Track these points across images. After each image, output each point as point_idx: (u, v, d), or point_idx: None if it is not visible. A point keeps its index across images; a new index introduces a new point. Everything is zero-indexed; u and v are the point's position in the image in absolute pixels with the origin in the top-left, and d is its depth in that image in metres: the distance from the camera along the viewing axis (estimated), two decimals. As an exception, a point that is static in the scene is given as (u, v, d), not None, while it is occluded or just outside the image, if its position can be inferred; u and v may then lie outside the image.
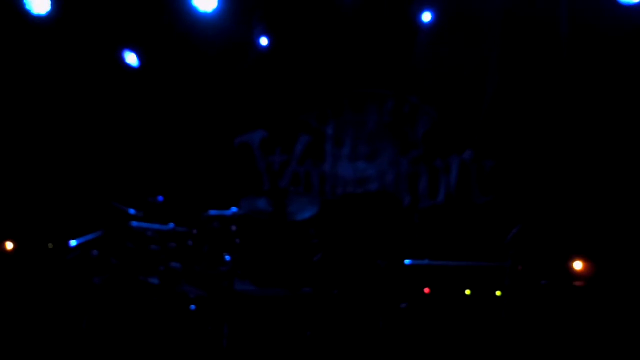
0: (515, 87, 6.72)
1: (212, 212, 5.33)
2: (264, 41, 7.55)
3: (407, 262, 5.33)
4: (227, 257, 5.24)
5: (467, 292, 5.12)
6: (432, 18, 7.02)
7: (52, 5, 6.97)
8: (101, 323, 5.19)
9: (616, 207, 5.53)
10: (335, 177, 7.40)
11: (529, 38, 6.62)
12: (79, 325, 5.17)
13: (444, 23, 6.94)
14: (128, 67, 7.53)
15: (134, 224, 5.34)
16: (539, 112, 6.52)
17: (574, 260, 4.63)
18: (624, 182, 5.69)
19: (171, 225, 5.44)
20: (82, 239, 5.43)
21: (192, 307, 5.32)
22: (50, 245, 6.83)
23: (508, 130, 6.69)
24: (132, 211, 5.64)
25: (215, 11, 7.13)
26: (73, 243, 5.39)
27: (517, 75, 6.72)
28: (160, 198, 5.82)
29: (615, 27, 6.13)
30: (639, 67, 6.10)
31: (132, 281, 5.44)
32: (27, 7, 6.95)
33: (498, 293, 4.89)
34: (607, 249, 5.05)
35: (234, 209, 5.22)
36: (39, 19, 7.01)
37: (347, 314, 5.23)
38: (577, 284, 4.57)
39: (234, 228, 5.24)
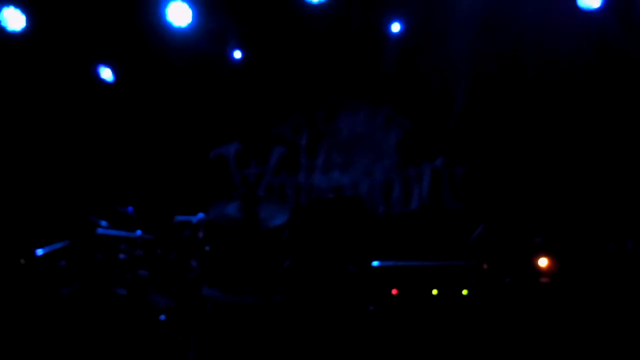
0: (484, 97, 6.81)
1: (179, 218, 5.31)
2: (237, 54, 7.64)
3: (374, 263, 5.32)
4: (194, 264, 5.21)
5: (434, 291, 5.11)
6: (401, 29, 7.13)
7: (27, 21, 7.04)
8: (69, 335, 5.12)
9: (578, 205, 5.58)
10: (309, 187, 7.42)
11: (497, 48, 6.72)
12: (47, 338, 5.11)
13: (413, 34, 7.05)
14: (103, 81, 7.59)
15: (101, 230, 5.31)
16: (506, 120, 6.60)
17: (539, 257, 4.64)
18: (584, 180, 5.76)
19: (138, 232, 5.41)
20: (49, 248, 5.39)
21: (162, 317, 5.26)
22: (22, 261, 6.77)
23: (477, 137, 6.76)
24: (103, 223, 5.61)
25: (189, 26, 7.22)
26: (39, 252, 5.36)
27: (486, 84, 6.82)
28: (130, 209, 5.80)
29: (578, 35, 6.25)
30: (602, 76, 6.20)
31: (100, 292, 5.39)
32: (2, 23, 7.01)
33: (464, 292, 4.88)
34: (571, 246, 5.07)
35: (201, 215, 5.21)
36: (14, 35, 7.07)
37: (318, 321, 5.19)
38: (543, 280, 4.58)
39: (200, 235, 5.22)
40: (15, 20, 7.03)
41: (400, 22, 7.11)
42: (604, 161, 5.79)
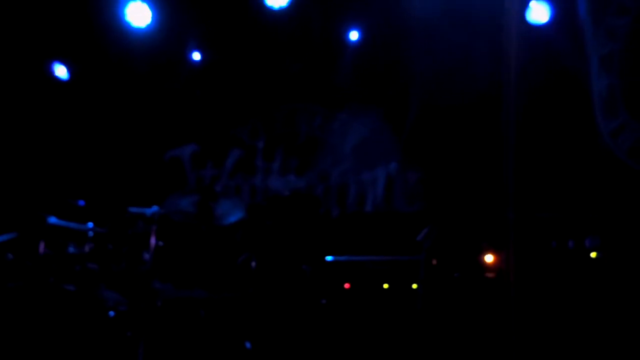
0: (436, 104, 7.00)
1: (133, 210, 5.26)
2: (196, 56, 7.67)
3: (327, 258, 5.40)
4: (146, 257, 5.16)
5: (385, 286, 5.22)
6: (359, 36, 7.31)
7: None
8: (14, 331, 4.97)
9: (522, 208, 5.79)
10: (265, 190, 7.47)
11: (450, 57, 6.93)
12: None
13: (370, 41, 7.24)
14: (57, 78, 7.50)
15: (52, 220, 5.20)
16: (458, 128, 6.81)
17: (485, 254, 4.82)
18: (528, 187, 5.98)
19: (90, 224, 5.33)
20: (-4, 239, 5.25)
21: (111, 313, 5.18)
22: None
23: (430, 144, 6.95)
24: (52, 219, 5.49)
25: (148, 26, 7.22)
26: (-15, 243, 5.21)
27: (439, 92, 7.01)
28: (82, 202, 5.72)
29: (527, 47, 6.52)
30: (550, 87, 6.46)
31: (48, 286, 5.26)
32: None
33: (414, 286, 5.01)
34: (515, 244, 5.24)
35: (155, 208, 5.17)
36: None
37: (270, 315, 5.21)
38: (489, 275, 4.74)
39: (154, 228, 5.17)
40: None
41: (359, 30, 7.30)
42: (548, 166, 6.03)
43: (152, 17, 7.16)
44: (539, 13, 6.57)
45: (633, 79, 5.59)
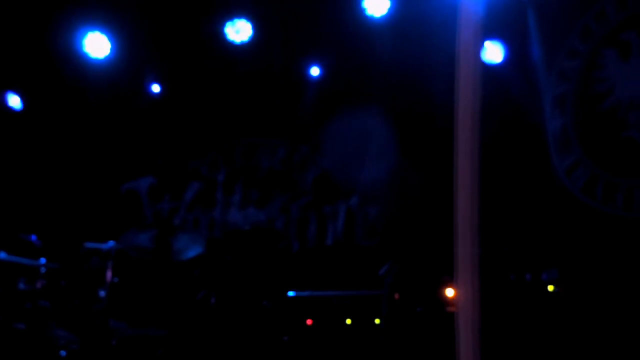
0: (397, 140, 7.10)
1: (88, 245, 5.10)
2: (155, 88, 7.60)
3: (289, 293, 5.34)
4: (102, 294, 4.99)
5: (348, 321, 5.18)
6: (321, 72, 7.40)
7: None
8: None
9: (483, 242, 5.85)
10: (224, 223, 7.37)
11: (410, 95, 7.07)
12: None
13: (331, 77, 7.34)
14: (10, 108, 7.31)
15: (1, 255, 4.99)
16: (420, 159, 6.90)
17: (446, 288, 4.86)
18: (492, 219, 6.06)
19: (42, 260, 5.14)
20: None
21: (62, 353, 4.97)
22: None
23: (391, 179, 7.01)
24: (1, 254, 5.27)
25: (107, 58, 7.14)
26: None
27: (399, 129, 7.12)
28: (34, 237, 5.51)
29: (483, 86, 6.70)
30: (505, 123, 6.63)
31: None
32: None
33: (377, 321, 4.99)
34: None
35: (112, 243, 5.03)
36: None
37: (231, 352, 5.10)
38: (450, 309, 4.78)
39: (109, 264, 5.02)
40: None
41: (320, 66, 7.39)
42: (507, 202, 6.13)
43: (111, 48, 7.09)
44: (493, 53, 6.78)
45: (585, 118, 5.80)
